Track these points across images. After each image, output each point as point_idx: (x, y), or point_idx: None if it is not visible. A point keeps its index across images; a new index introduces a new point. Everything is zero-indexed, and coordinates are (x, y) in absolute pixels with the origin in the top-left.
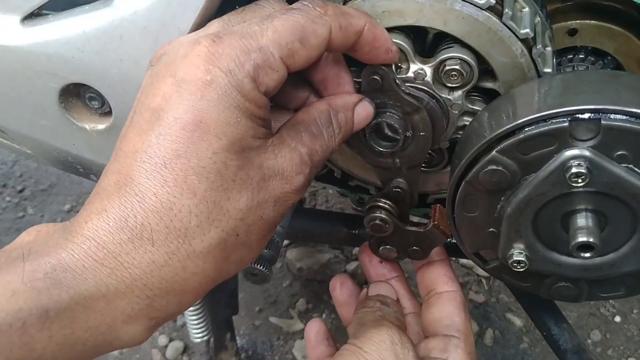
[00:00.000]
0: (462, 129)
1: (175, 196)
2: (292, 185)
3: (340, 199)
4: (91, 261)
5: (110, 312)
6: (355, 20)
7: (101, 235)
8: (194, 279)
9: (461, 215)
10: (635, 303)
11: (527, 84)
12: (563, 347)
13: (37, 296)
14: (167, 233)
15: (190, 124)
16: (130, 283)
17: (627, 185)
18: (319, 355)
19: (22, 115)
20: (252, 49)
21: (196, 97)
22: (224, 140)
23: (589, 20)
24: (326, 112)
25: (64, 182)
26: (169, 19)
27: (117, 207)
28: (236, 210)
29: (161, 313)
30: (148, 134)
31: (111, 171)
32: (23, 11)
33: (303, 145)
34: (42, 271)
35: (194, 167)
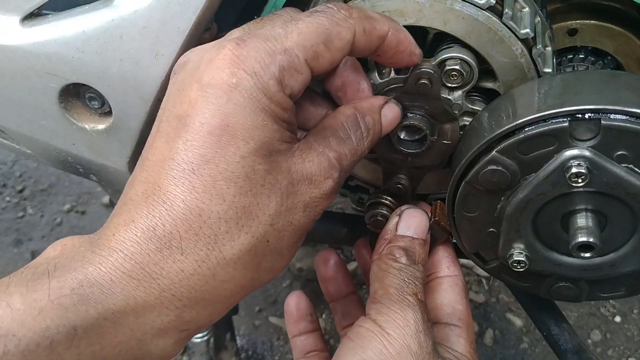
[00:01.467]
0: (462, 129)
1: (204, 202)
2: (321, 190)
3: (340, 199)
4: (119, 274)
5: (139, 326)
6: (379, 24)
7: (128, 246)
8: (225, 287)
9: (461, 215)
10: (635, 303)
11: (527, 84)
12: (563, 347)
13: (64, 313)
14: (196, 240)
15: (217, 129)
16: (159, 294)
17: (627, 185)
18: (301, 330)
19: (22, 115)
20: (277, 51)
21: (222, 100)
22: (252, 144)
23: (589, 20)
24: (353, 116)
25: (64, 182)
26: (169, 18)
27: (145, 216)
28: (265, 216)
29: (192, 325)
30: (175, 141)
31: (139, 181)
32: (23, 11)
33: (331, 150)
34: (69, 287)
35: (222, 172)
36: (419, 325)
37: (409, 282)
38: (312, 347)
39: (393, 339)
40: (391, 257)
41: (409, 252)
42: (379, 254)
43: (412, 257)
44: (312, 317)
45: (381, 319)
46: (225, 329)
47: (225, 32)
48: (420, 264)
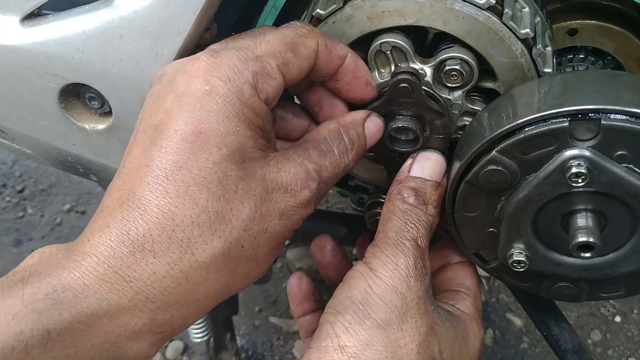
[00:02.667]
0: (462, 129)
1: (177, 206)
2: (297, 199)
3: (340, 199)
4: (92, 278)
5: (113, 329)
6: (339, 46)
7: (102, 250)
8: (198, 290)
9: (461, 215)
10: (635, 303)
11: (527, 84)
12: (563, 347)
13: (38, 318)
14: (169, 243)
15: (190, 135)
16: (132, 297)
17: (627, 185)
18: (306, 310)
19: (22, 115)
20: (249, 58)
21: (195, 108)
22: (224, 150)
23: (589, 20)
24: (336, 130)
25: (64, 182)
26: (169, 18)
27: (120, 221)
28: (239, 221)
29: (166, 327)
30: (150, 148)
31: (115, 188)
32: (23, 11)
33: (310, 162)
34: (43, 292)
35: (195, 177)
36: (409, 270)
37: (410, 226)
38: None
39: (379, 279)
40: (399, 198)
41: (418, 192)
42: (390, 194)
43: (421, 198)
44: (315, 297)
45: (372, 262)
46: (225, 329)
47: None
48: (430, 205)
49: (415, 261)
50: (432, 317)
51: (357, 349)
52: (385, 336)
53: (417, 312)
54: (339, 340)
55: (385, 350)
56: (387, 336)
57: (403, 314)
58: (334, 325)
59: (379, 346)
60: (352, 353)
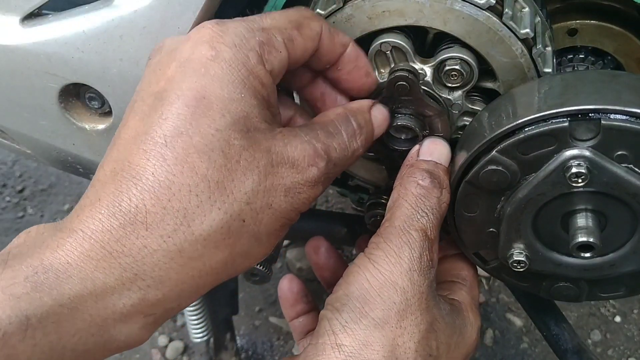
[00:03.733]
0: (462, 129)
1: (174, 174)
2: (303, 176)
3: (340, 199)
4: (76, 255)
5: (99, 311)
6: (342, 34)
7: (89, 224)
8: (192, 266)
9: (461, 215)
10: (635, 303)
11: (527, 84)
12: (563, 347)
13: (15, 303)
14: (163, 214)
15: (193, 100)
16: (120, 274)
17: (627, 185)
18: (299, 312)
19: (22, 115)
20: (256, 29)
21: (199, 73)
22: (228, 117)
23: (589, 20)
24: (343, 114)
25: (64, 182)
26: (169, 19)
27: (112, 193)
28: (241, 193)
29: (157, 308)
30: (150, 116)
31: (108, 161)
32: (23, 11)
33: (318, 141)
34: (23, 276)
35: (195, 144)
36: (413, 264)
37: (421, 214)
38: (312, 326)
39: (378, 273)
40: (412, 180)
41: (433, 174)
42: (401, 178)
43: (436, 180)
44: (307, 298)
45: (374, 254)
46: (225, 329)
47: None
48: (445, 189)
49: (421, 254)
50: (432, 314)
51: (354, 348)
52: (383, 335)
53: (418, 309)
54: (336, 338)
55: (383, 349)
56: (384, 335)
57: (402, 310)
58: (331, 322)
59: (377, 346)
60: (349, 352)
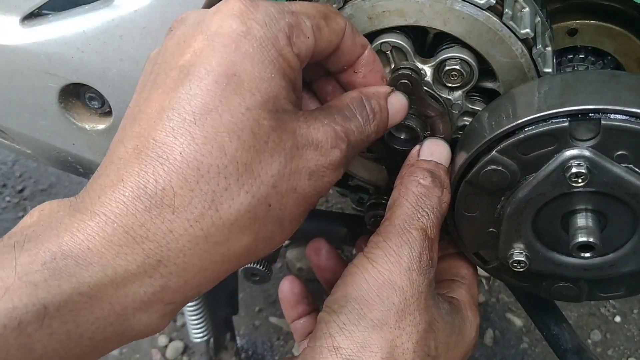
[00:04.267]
0: (462, 129)
1: (203, 154)
2: (327, 158)
3: (340, 199)
4: (97, 240)
5: (119, 300)
6: (361, 35)
7: (113, 208)
8: (217, 251)
9: (461, 215)
10: (635, 303)
11: (527, 84)
12: (563, 347)
13: (33, 291)
14: (191, 197)
15: (223, 77)
16: (143, 261)
17: (627, 185)
18: (300, 313)
19: (22, 115)
20: (286, 11)
21: (230, 49)
22: (258, 96)
23: (589, 20)
24: (358, 97)
25: (64, 182)
26: (169, 18)
27: (136, 174)
28: (268, 176)
29: (178, 296)
30: (176, 90)
31: (129, 136)
32: (23, 11)
33: (336, 124)
34: (40, 262)
35: (225, 123)
36: (412, 263)
37: (422, 214)
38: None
39: (377, 273)
40: (414, 179)
41: (434, 174)
42: (401, 177)
43: (437, 180)
44: (308, 299)
45: (373, 254)
46: (225, 329)
47: None
48: (445, 189)
49: (420, 253)
50: (431, 313)
51: (352, 350)
52: (381, 337)
53: (417, 309)
54: (334, 341)
55: (381, 351)
56: (383, 336)
57: (401, 310)
58: (328, 325)
59: (375, 348)
60: (347, 355)
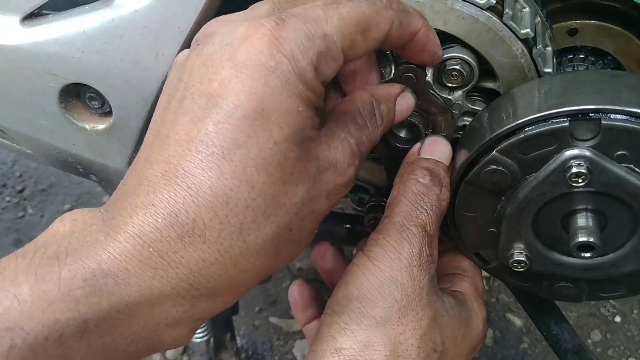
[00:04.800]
0: (462, 129)
1: (232, 189)
2: (344, 177)
3: None
4: (135, 262)
5: (153, 317)
6: (414, 20)
7: (147, 232)
8: (244, 277)
9: (461, 215)
10: (635, 303)
11: (528, 84)
12: (563, 347)
13: (75, 306)
14: (220, 229)
15: (252, 112)
16: (176, 284)
17: (627, 185)
18: (310, 317)
19: (22, 115)
20: (317, 36)
21: (259, 83)
22: (286, 129)
23: (589, 20)
24: (369, 103)
25: (64, 182)
26: (169, 18)
27: (167, 201)
28: (292, 205)
29: (206, 313)
30: (204, 121)
31: (157, 160)
32: (23, 11)
33: (351, 137)
34: (81, 278)
35: (254, 158)
36: (413, 259)
37: (421, 211)
38: None
39: (378, 270)
40: (412, 178)
41: (433, 172)
42: (401, 175)
43: (436, 178)
44: (317, 302)
45: (373, 251)
46: (225, 329)
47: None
48: (444, 187)
49: (420, 249)
50: (435, 308)
51: (355, 351)
52: (385, 334)
53: (419, 304)
54: (336, 342)
55: (385, 349)
56: (386, 334)
57: (404, 306)
58: (330, 327)
59: (378, 346)
60: (350, 355)
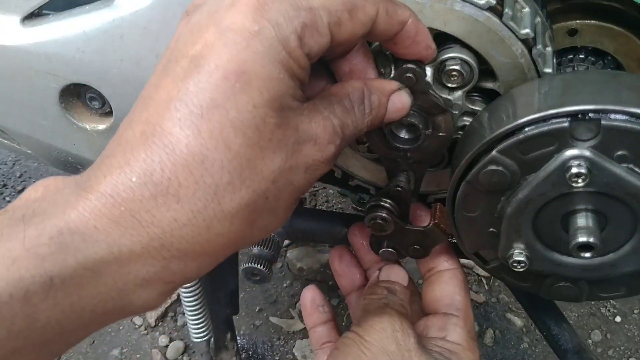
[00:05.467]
0: (462, 129)
1: (208, 149)
2: (323, 153)
3: (340, 199)
4: (104, 220)
5: (122, 277)
6: (401, 10)
7: (120, 191)
8: (217, 241)
9: (461, 215)
10: (635, 303)
11: (527, 84)
12: (563, 347)
13: (40, 263)
14: (195, 189)
15: (233, 74)
16: (147, 243)
17: (627, 185)
18: (315, 321)
19: (23, 115)
20: (302, 7)
21: (241, 46)
22: (266, 94)
23: (589, 20)
24: (360, 90)
25: None
26: (169, 18)
27: (143, 160)
28: (269, 171)
29: (178, 277)
30: (185, 81)
31: (137, 121)
32: (23, 11)
33: (335, 117)
34: (47, 235)
35: (232, 119)
36: (395, 326)
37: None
38: (327, 337)
39: (370, 343)
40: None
41: (390, 288)
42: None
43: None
44: (324, 308)
45: (360, 329)
46: (225, 329)
47: None
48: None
49: (399, 318)
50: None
51: None
52: None
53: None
54: None
55: None
56: None
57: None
58: None
59: None
60: None
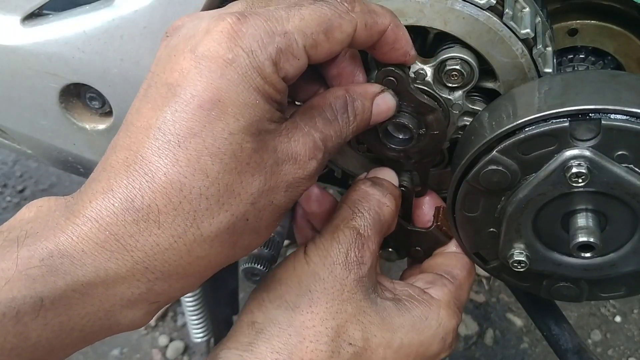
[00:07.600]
0: (462, 129)
1: (186, 177)
2: (304, 170)
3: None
4: (91, 244)
5: (108, 298)
6: (381, 19)
7: (104, 216)
8: (199, 263)
9: (461, 215)
10: (635, 303)
11: (528, 84)
12: (563, 347)
13: (31, 284)
14: (174, 215)
15: (208, 102)
16: (132, 267)
17: (627, 185)
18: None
19: (23, 115)
20: (277, 33)
21: (216, 75)
22: (242, 121)
23: (589, 20)
24: (342, 98)
25: (64, 182)
26: (169, 18)
27: (124, 186)
28: (247, 195)
29: (162, 297)
30: (163, 109)
31: (120, 146)
32: (23, 11)
33: (316, 130)
34: (38, 257)
35: (208, 147)
36: (338, 258)
37: (357, 214)
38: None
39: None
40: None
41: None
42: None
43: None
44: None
45: (308, 247)
46: (225, 329)
47: None
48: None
49: (347, 249)
50: (359, 306)
51: (264, 324)
52: (291, 317)
53: (337, 299)
54: (252, 316)
55: (290, 328)
56: (293, 317)
57: (317, 298)
58: (252, 301)
59: (284, 324)
60: (259, 328)
